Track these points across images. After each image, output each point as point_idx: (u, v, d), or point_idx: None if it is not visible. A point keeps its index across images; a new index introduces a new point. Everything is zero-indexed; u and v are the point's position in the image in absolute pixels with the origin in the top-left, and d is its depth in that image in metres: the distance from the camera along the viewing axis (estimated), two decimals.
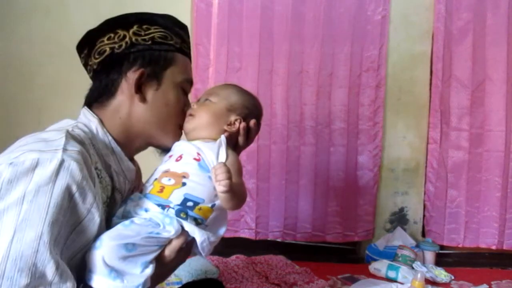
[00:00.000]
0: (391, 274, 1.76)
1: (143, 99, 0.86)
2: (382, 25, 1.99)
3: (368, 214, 2.05)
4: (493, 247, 2.00)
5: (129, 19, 0.90)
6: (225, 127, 0.92)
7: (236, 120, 0.93)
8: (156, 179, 0.85)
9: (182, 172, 0.83)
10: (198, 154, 0.85)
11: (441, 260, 1.97)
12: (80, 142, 0.76)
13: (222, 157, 0.85)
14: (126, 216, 0.82)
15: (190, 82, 0.93)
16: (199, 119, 0.92)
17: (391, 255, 1.89)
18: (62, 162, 0.68)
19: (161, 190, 0.82)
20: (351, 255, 2.09)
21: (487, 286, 1.72)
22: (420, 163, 2.07)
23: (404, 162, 2.07)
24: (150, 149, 0.96)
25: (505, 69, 1.94)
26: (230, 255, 1.85)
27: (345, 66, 1.97)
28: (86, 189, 0.70)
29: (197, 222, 0.83)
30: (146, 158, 0.97)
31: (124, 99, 0.86)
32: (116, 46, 0.86)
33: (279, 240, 2.04)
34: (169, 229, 0.78)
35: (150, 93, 0.87)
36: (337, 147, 2.00)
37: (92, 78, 0.91)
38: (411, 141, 2.06)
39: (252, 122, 0.96)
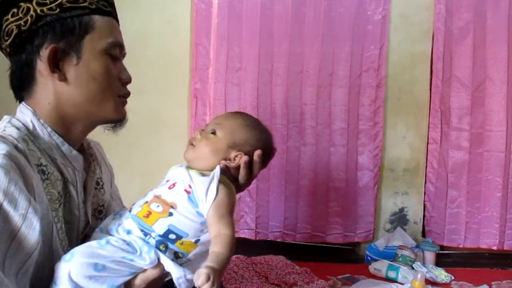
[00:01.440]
0: (391, 274, 1.75)
1: (64, 78, 0.76)
2: (382, 25, 1.98)
3: (369, 214, 2.04)
4: (494, 248, 1.99)
5: None
6: (226, 162, 0.87)
7: (236, 156, 0.88)
8: (146, 202, 0.81)
9: (171, 202, 0.79)
10: (190, 186, 0.81)
11: (441, 260, 1.97)
12: (10, 142, 0.69)
13: (212, 193, 0.79)
14: (108, 231, 0.79)
15: (118, 45, 0.82)
16: (198, 152, 0.88)
17: (391, 255, 1.88)
18: None
19: (148, 215, 0.78)
20: (351, 255, 2.09)
21: (487, 287, 1.72)
22: (420, 163, 2.07)
23: (404, 162, 2.07)
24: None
25: (506, 69, 1.94)
26: None
27: (345, 66, 1.97)
28: (15, 194, 0.64)
29: (177, 256, 0.79)
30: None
31: (45, 82, 0.77)
32: (22, 22, 0.75)
33: (279, 240, 2.04)
34: (145, 257, 0.74)
35: (71, 70, 0.76)
36: (337, 147, 2.00)
37: (9, 60, 0.81)
38: (411, 141, 2.06)
39: (257, 153, 0.88)
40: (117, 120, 0.84)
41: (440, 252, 1.98)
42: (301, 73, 1.98)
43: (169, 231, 0.77)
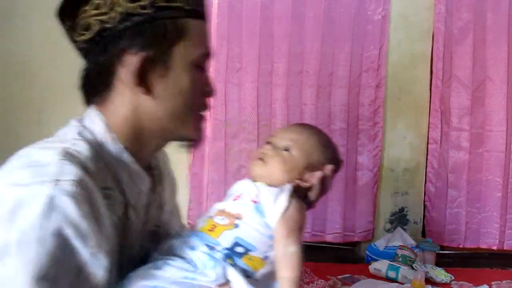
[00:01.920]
0: (391, 274, 1.75)
1: (148, 91, 0.65)
2: (382, 25, 1.99)
3: (368, 214, 2.05)
4: (494, 248, 2.00)
5: None
6: (297, 181, 0.81)
7: (310, 176, 0.82)
8: (210, 216, 0.76)
9: (237, 213, 0.74)
10: (256, 196, 0.76)
11: (441, 260, 1.96)
12: (81, 163, 0.59)
13: (282, 204, 0.73)
14: (169, 250, 0.72)
15: (208, 56, 0.71)
16: (269, 169, 0.80)
17: (391, 255, 1.88)
18: (51, 200, 0.53)
19: (212, 229, 0.72)
20: (351, 255, 2.09)
21: (487, 287, 1.72)
22: (420, 163, 2.07)
23: (404, 162, 2.07)
24: None
25: (506, 69, 1.94)
26: None
27: (345, 66, 1.97)
28: (87, 229, 0.56)
29: (246, 275, 0.70)
30: None
31: (124, 92, 0.66)
32: (106, 18, 0.63)
33: None
34: (210, 274, 0.66)
35: (157, 82, 0.66)
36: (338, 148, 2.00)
37: (83, 57, 0.69)
38: (411, 141, 2.06)
39: (329, 169, 0.83)
40: (195, 140, 0.74)
41: (440, 252, 1.98)
42: (301, 73, 1.98)
43: (236, 244, 0.71)
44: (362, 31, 1.98)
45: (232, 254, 0.70)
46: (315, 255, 2.02)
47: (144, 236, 0.75)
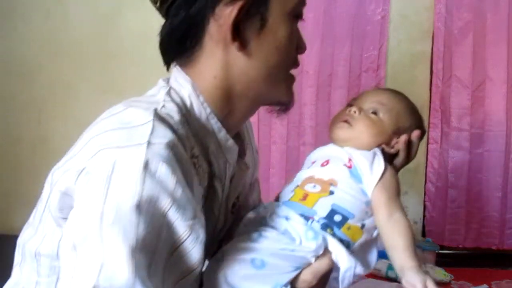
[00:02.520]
0: (391, 274, 1.75)
1: (243, 47, 0.59)
2: (382, 26, 1.99)
3: None
4: (494, 247, 2.00)
5: None
6: (384, 146, 0.77)
7: (396, 142, 0.78)
8: (297, 185, 0.71)
9: (330, 179, 0.69)
10: (350, 160, 0.71)
11: (441, 260, 1.96)
12: (172, 126, 0.54)
13: (379, 168, 0.70)
14: (260, 221, 0.68)
15: (304, 4, 0.66)
16: (356, 133, 0.76)
17: None
18: (146, 165, 0.49)
19: (304, 198, 0.68)
20: None
21: (487, 286, 1.72)
22: (420, 163, 2.07)
23: None
24: None
25: (506, 69, 1.93)
26: None
27: (345, 67, 1.97)
28: (184, 199, 0.51)
29: (344, 245, 0.66)
30: None
31: (215, 49, 0.60)
32: None
33: None
34: (309, 245, 0.62)
35: (252, 36, 0.59)
36: None
37: (165, 15, 0.62)
38: None
39: (415, 135, 0.78)
40: (287, 103, 0.69)
41: (440, 252, 1.98)
42: (301, 73, 1.98)
43: (333, 212, 0.66)
44: (361, 31, 1.98)
45: (330, 224, 0.66)
46: None
47: (227, 209, 0.71)
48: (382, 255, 2.10)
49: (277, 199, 0.74)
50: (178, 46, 0.62)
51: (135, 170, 0.49)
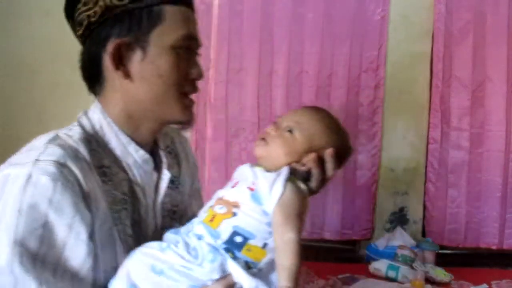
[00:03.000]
0: (391, 274, 1.76)
1: (128, 75, 0.71)
2: (382, 26, 1.99)
3: (367, 213, 2.05)
4: (494, 247, 2.00)
5: None
6: (294, 165, 0.77)
7: (308, 160, 0.77)
8: (211, 206, 0.75)
9: (234, 201, 0.73)
10: (253, 183, 0.74)
11: (441, 260, 1.97)
12: (69, 146, 0.67)
13: (278, 190, 0.71)
14: (179, 233, 0.74)
15: (189, 38, 0.74)
16: (270, 150, 0.78)
17: (391, 255, 1.88)
18: (29, 177, 0.62)
19: (212, 219, 0.72)
20: (351, 255, 2.09)
21: (487, 286, 1.72)
22: (420, 163, 2.07)
23: (404, 162, 2.07)
24: None
25: (505, 69, 1.94)
26: None
27: (344, 67, 1.98)
28: (62, 203, 0.62)
29: (248, 266, 0.70)
30: None
31: (112, 79, 0.72)
32: (92, 13, 0.70)
33: None
34: (205, 266, 0.67)
35: (135, 66, 0.71)
36: None
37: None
38: (411, 141, 2.06)
39: (328, 153, 0.77)
40: (183, 122, 0.78)
41: (440, 251, 1.98)
42: (301, 73, 1.99)
43: (234, 233, 0.70)
44: (361, 31, 1.98)
45: (231, 247, 0.70)
46: (315, 255, 2.03)
47: (158, 214, 0.80)
48: (382, 255, 2.11)
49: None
50: (89, 79, 0.75)
51: (20, 181, 0.62)
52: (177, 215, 0.84)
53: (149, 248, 0.70)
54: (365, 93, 2.01)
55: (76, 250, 0.64)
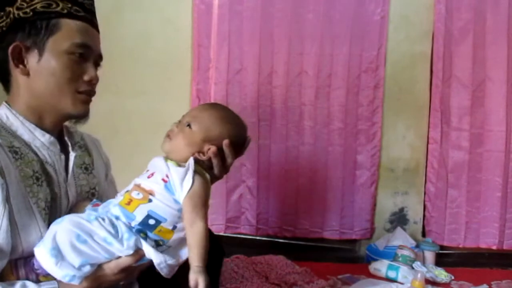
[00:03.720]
0: (391, 274, 1.76)
1: (26, 72, 0.86)
2: (381, 26, 1.99)
3: (366, 212, 2.05)
4: (494, 247, 2.00)
5: None
6: (196, 155, 0.90)
7: (208, 149, 0.91)
8: (127, 191, 0.87)
9: (150, 190, 0.85)
10: (167, 175, 0.86)
11: (441, 260, 1.97)
12: None
13: (188, 183, 0.84)
14: (99, 211, 0.84)
15: (83, 46, 0.88)
16: (173, 144, 0.92)
17: (391, 255, 1.89)
18: None
19: (129, 203, 0.83)
20: (351, 255, 2.09)
21: (487, 286, 1.72)
22: (420, 163, 2.07)
23: (404, 162, 2.07)
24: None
25: (505, 69, 1.94)
26: (230, 255, 1.86)
27: (344, 67, 1.98)
28: None
29: (158, 244, 0.84)
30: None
31: (16, 75, 0.87)
32: (4, 24, 0.87)
33: (279, 240, 2.06)
34: (123, 243, 0.79)
35: (33, 66, 0.86)
36: (336, 147, 2.01)
37: None
38: (411, 141, 2.06)
39: (225, 143, 0.92)
40: (76, 116, 0.92)
41: (440, 252, 1.99)
42: (301, 74, 1.99)
43: (148, 217, 0.82)
44: (361, 32, 1.98)
45: (144, 228, 0.82)
46: (315, 255, 2.03)
47: (70, 193, 0.91)
48: (382, 255, 2.11)
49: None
50: (1, 77, 0.91)
51: None
52: (95, 197, 0.98)
53: (78, 217, 0.80)
54: (364, 93, 2.01)
55: None
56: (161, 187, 0.85)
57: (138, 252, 0.81)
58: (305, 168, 2.02)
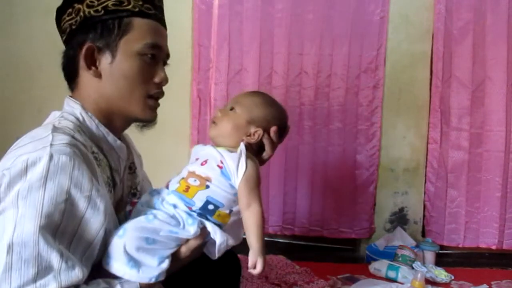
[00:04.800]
0: (391, 274, 1.76)
1: (98, 74, 0.83)
2: (381, 26, 1.99)
3: (365, 212, 2.05)
4: (493, 247, 2.00)
5: None
6: (244, 138, 0.94)
7: (255, 131, 0.94)
8: (183, 178, 0.88)
9: (206, 176, 0.87)
10: (221, 161, 0.88)
11: (441, 260, 1.97)
12: (68, 133, 0.76)
13: (242, 168, 0.86)
14: (152, 206, 0.85)
15: (155, 47, 0.85)
16: (220, 129, 0.94)
17: (391, 255, 1.89)
18: (51, 157, 0.70)
19: (187, 190, 0.85)
20: (351, 255, 2.09)
21: (487, 286, 1.72)
22: (420, 163, 2.07)
23: (404, 162, 2.07)
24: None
25: (505, 69, 1.94)
26: None
27: (344, 67, 1.98)
28: (80, 178, 0.71)
29: (218, 227, 0.87)
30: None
31: (87, 77, 0.84)
32: (73, 22, 0.83)
33: (280, 240, 2.06)
34: (189, 229, 0.82)
35: (105, 67, 0.82)
36: (335, 147, 2.01)
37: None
38: (411, 141, 2.07)
39: (272, 130, 0.95)
40: (144, 120, 0.90)
41: (440, 252, 1.99)
42: (300, 74, 1.99)
43: (207, 202, 0.85)
44: (360, 32, 1.98)
45: (204, 212, 0.85)
46: (315, 255, 2.03)
47: (125, 195, 0.92)
48: (382, 255, 2.10)
49: (167, 186, 0.90)
50: (67, 76, 0.88)
51: (43, 162, 0.70)
52: (136, 196, 0.97)
53: (138, 223, 0.80)
54: (364, 93, 2.01)
55: (92, 222, 0.73)
56: (217, 173, 0.87)
57: (203, 231, 0.84)
58: (304, 168, 2.02)
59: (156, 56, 0.86)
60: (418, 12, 2.02)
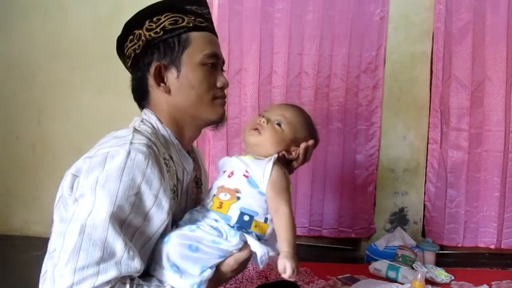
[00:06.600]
0: (391, 274, 1.76)
1: (168, 90, 0.90)
2: (381, 26, 1.99)
3: (365, 212, 2.05)
4: (492, 246, 2.00)
5: (139, 16, 0.94)
6: (284, 153, 0.98)
7: (294, 150, 1.00)
8: (214, 195, 0.91)
9: (235, 188, 0.89)
10: (247, 171, 0.90)
11: (441, 260, 1.97)
12: (146, 136, 0.84)
13: (267, 172, 0.88)
14: (194, 222, 0.87)
15: (213, 56, 0.93)
16: (262, 140, 0.97)
17: (391, 255, 1.89)
18: (129, 153, 0.77)
19: (220, 206, 0.88)
20: (351, 255, 2.09)
21: (487, 286, 1.72)
22: (420, 163, 2.07)
23: (404, 162, 2.07)
24: None
25: (505, 69, 1.94)
26: None
27: (343, 67, 1.98)
28: (151, 177, 0.78)
29: (257, 238, 0.88)
30: None
31: (157, 93, 0.92)
32: (136, 46, 0.91)
33: None
34: (231, 240, 0.83)
35: (173, 82, 0.90)
36: (334, 147, 2.01)
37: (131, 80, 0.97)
38: (411, 141, 2.06)
39: (310, 143, 1.02)
40: (216, 121, 0.97)
41: (440, 252, 1.98)
42: (300, 74, 1.99)
43: (242, 214, 0.87)
44: (360, 32, 1.98)
45: (243, 225, 0.87)
46: (315, 255, 2.03)
47: (181, 206, 0.95)
48: (382, 255, 2.10)
49: (201, 206, 0.94)
50: (139, 96, 0.96)
51: (121, 156, 0.77)
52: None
53: (182, 231, 0.83)
54: (364, 93, 2.01)
55: (155, 219, 0.79)
56: (244, 182, 0.89)
57: (247, 246, 0.85)
58: (304, 168, 2.01)
59: (215, 63, 0.94)
60: (418, 12, 2.02)
